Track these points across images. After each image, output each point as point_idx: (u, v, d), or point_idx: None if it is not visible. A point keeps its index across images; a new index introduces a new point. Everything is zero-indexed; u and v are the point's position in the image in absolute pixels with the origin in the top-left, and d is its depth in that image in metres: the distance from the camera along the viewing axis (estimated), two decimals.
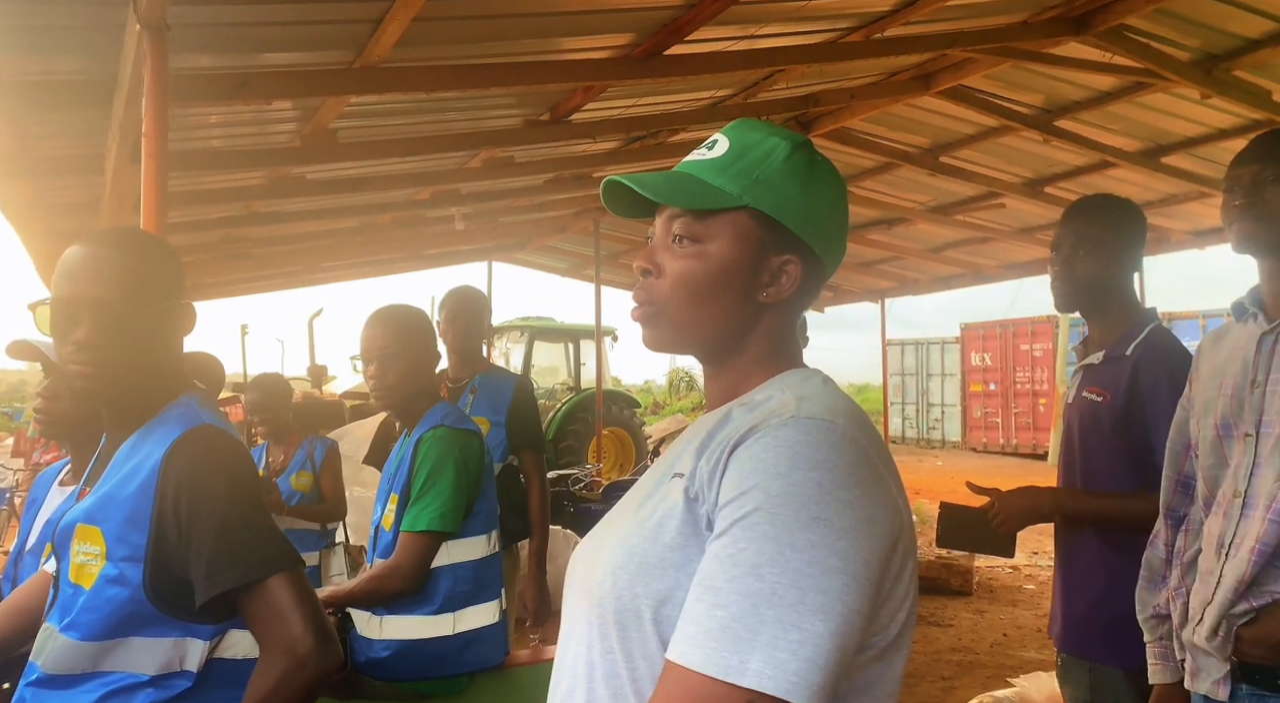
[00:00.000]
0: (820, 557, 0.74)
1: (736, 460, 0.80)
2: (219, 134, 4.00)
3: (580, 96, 4.14)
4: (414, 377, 2.23)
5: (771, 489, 0.77)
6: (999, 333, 17.93)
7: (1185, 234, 7.06)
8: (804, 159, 0.92)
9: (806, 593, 0.73)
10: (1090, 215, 1.99)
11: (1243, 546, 1.43)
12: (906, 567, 0.81)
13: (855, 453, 0.80)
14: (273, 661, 1.22)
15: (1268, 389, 1.44)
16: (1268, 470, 1.42)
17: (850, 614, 0.74)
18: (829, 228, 0.92)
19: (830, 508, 0.76)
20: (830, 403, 0.85)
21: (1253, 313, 1.52)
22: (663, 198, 0.91)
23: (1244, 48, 4.13)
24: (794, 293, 0.92)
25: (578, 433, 10.83)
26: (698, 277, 0.90)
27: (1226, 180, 1.55)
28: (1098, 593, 1.91)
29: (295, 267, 7.77)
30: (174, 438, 1.28)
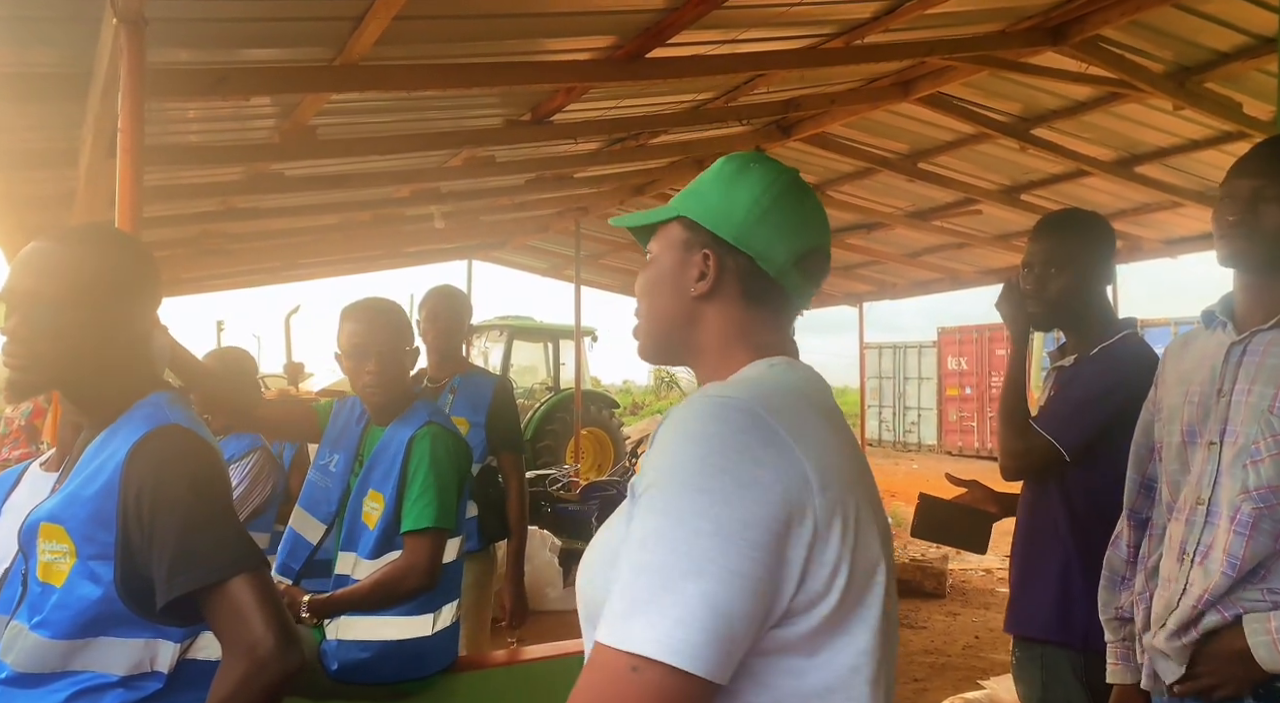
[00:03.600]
0: (696, 523, 0.77)
1: (652, 445, 0.87)
2: (197, 129, 3.96)
3: (562, 97, 4.14)
4: (402, 371, 2.24)
5: (659, 466, 0.82)
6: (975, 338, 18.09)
7: (1157, 243, 7.16)
8: (734, 166, 1.02)
9: (680, 558, 0.77)
10: (1058, 233, 2.01)
11: (1211, 555, 1.45)
12: (829, 531, 0.82)
13: (745, 421, 0.83)
14: (234, 662, 1.21)
15: (1233, 399, 1.47)
16: (1230, 480, 1.44)
17: (728, 575, 0.76)
18: (746, 221, 0.98)
19: (706, 477, 0.79)
20: (738, 383, 0.91)
21: (1222, 322, 1.53)
22: (622, 223, 1.09)
23: (1215, 60, 4.20)
24: (722, 285, 0.99)
25: (556, 433, 10.82)
26: (644, 282, 1.05)
27: (1223, 189, 1.54)
28: (1042, 572, 1.96)
29: (273, 263, 7.71)
30: (138, 437, 1.27)
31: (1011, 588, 2.08)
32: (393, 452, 2.19)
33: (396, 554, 2.11)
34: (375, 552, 2.13)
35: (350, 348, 2.21)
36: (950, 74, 4.49)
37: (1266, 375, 1.43)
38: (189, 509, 1.23)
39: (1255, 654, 1.37)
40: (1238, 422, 1.45)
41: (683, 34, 3.51)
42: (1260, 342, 1.47)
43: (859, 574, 0.84)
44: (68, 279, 1.29)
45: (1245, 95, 4.51)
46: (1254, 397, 1.43)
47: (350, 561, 2.16)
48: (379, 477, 2.18)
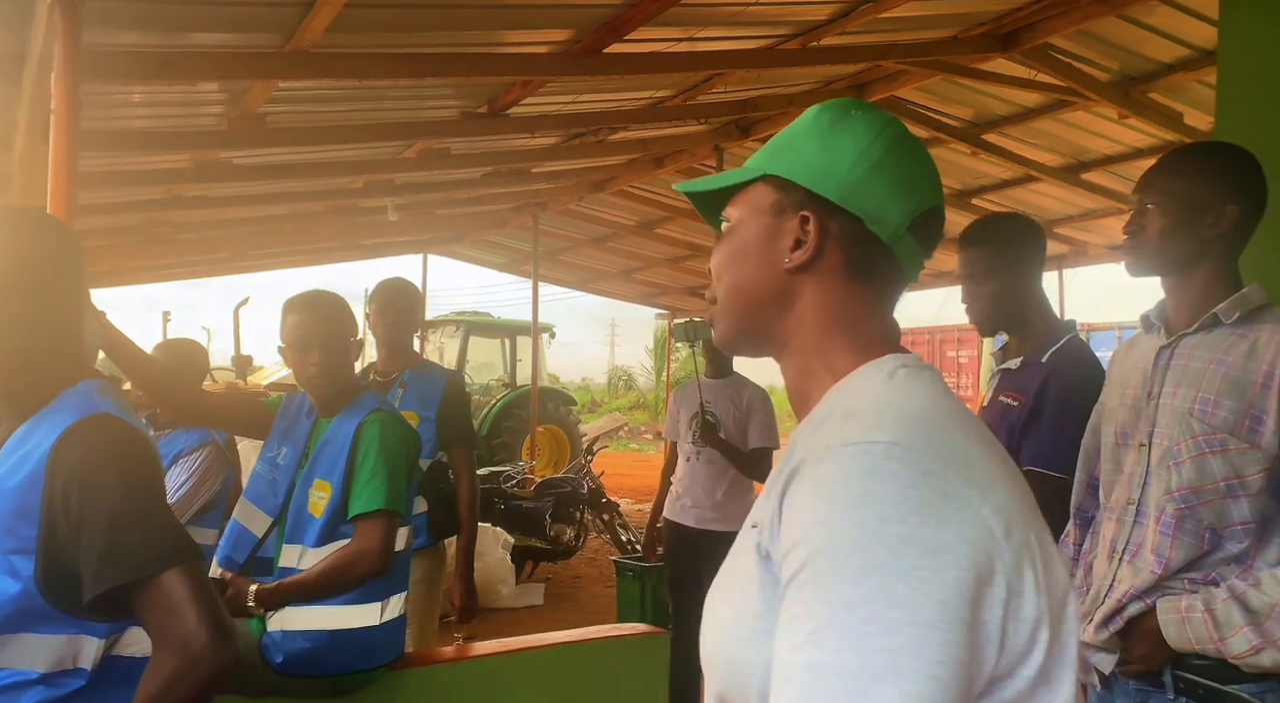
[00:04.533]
0: (878, 611, 0.63)
1: (786, 507, 0.71)
2: (143, 114, 3.86)
3: (518, 91, 4.12)
4: (346, 363, 2.23)
5: (813, 541, 0.67)
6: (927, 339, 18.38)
7: (1103, 248, 7.35)
8: (830, 117, 0.85)
9: (869, 656, 0.62)
10: (979, 243, 2.05)
11: (1140, 553, 1.49)
12: (1023, 581, 0.68)
13: (907, 474, 0.67)
14: (165, 658, 1.18)
15: (1161, 401, 1.51)
16: (1156, 481, 1.49)
17: (932, 667, 0.63)
18: (850, 176, 0.81)
19: (881, 550, 0.64)
20: (878, 416, 0.73)
21: (1157, 326, 1.58)
22: (690, 187, 0.91)
23: (1159, 71, 4.32)
24: (823, 254, 0.82)
25: (512, 430, 10.75)
26: (722, 255, 0.87)
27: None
28: None
29: (222, 253, 7.56)
30: (65, 426, 1.23)
31: None
32: (339, 441, 2.17)
33: (344, 543, 2.09)
34: (321, 540, 2.11)
35: (294, 340, 2.19)
36: (904, 78, 4.55)
37: (1189, 379, 1.47)
38: (119, 500, 1.19)
39: (1164, 633, 1.43)
40: (1164, 424, 1.49)
41: (640, 30, 3.50)
42: (1186, 345, 1.51)
43: (1055, 617, 0.70)
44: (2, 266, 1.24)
45: (1186, 106, 4.65)
46: (1177, 400, 1.48)
47: (296, 552, 2.13)
48: (325, 466, 2.16)
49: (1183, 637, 1.41)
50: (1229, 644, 1.36)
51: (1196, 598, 1.42)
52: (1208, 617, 1.39)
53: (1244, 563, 1.41)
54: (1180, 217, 1.49)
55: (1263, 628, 1.34)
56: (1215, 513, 1.42)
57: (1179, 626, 1.42)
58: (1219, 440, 1.41)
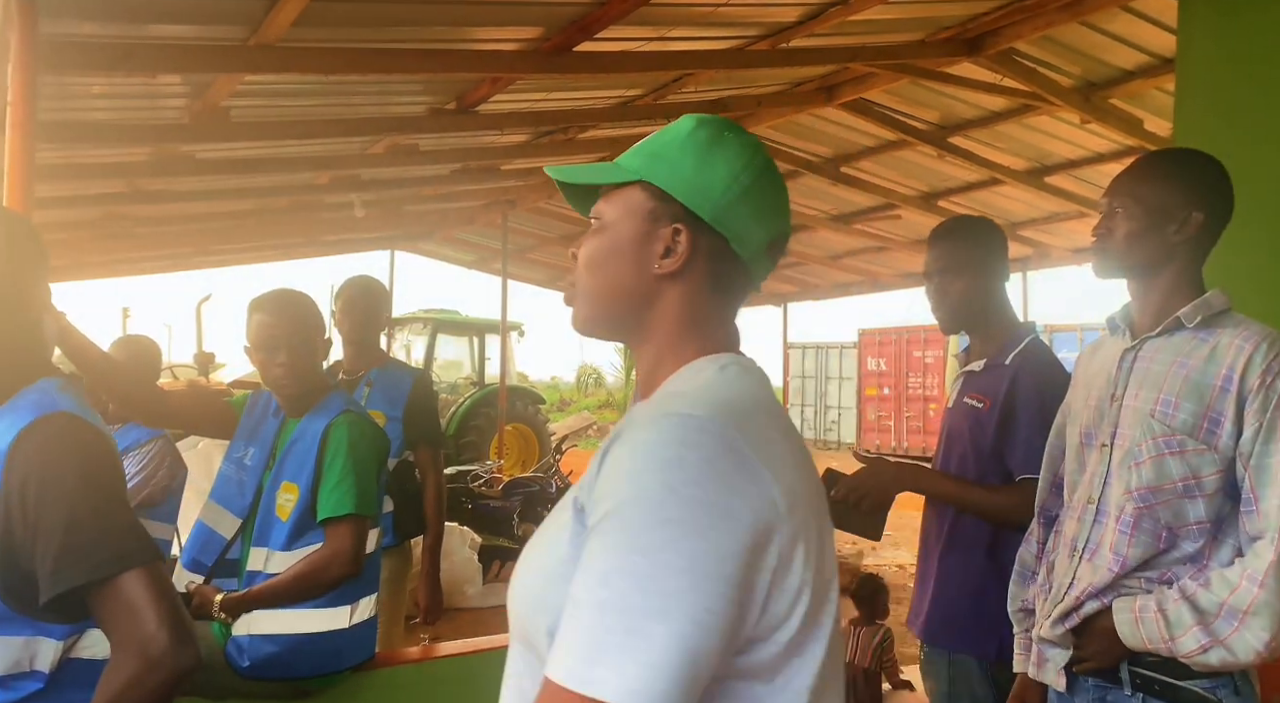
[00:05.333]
0: (667, 559, 0.72)
1: (605, 466, 0.79)
2: (103, 106, 3.78)
3: (488, 87, 4.09)
4: (314, 363, 2.20)
5: (621, 494, 0.75)
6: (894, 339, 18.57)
7: (1065, 251, 7.48)
8: (706, 134, 0.92)
9: (650, 597, 0.71)
10: (950, 241, 2.08)
11: (1099, 551, 1.52)
12: (793, 555, 0.78)
13: (714, 446, 0.77)
14: (123, 661, 1.15)
15: (1124, 403, 1.53)
16: (1117, 481, 1.51)
17: (702, 614, 0.72)
18: (723, 199, 0.90)
19: (676, 507, 0.73)
20: (707, 396, 0.83)
21: (1122, 329, 1.61)
22: (564, 176, 0.96)
23: (1120, 77, 4.41)
24: (691, 266, 0.90)
25: (480, 428, 10.69)
26: (595, 250, 0.93)
27: None
28: (959, 587, 2.00)
29: (184, 248, 7.43)
30: (23, 424, 1.20)
31: (922, 592, 2.10)
32: (307, 442, 2.14)
33: (311, 547, 2.06)
34: (289, 543, 2.08)
35: (259, 340, 2.15)
36: (872, 81, 4.60)
37: (1151, 381, 1.50)
38: (77, 500, 1.17)
39: (1120, 633, 1.46)
40: (1126, 425, 1.52)
41: (610, 29, 3.50)
42: (1150, 348, 1.54)
43: (818, 596, 0.80)
44: None
45: (1146, 112, 4.74)
46: (1139, 401, 1.50)
47: (262, 556, 2.10)
48: (292, 468, 2.13)
49: (1136, 636, 1.44)
50: (1179, 644, 1.39)
51: (1150, 599, 1.44)
52: (1160, 617, 1.42)
53: (1199, 563, 1.44)
54: (1146, 221, 1.51)
55: (1210, 628, 1.37)
56: (1172, 513, 1.45)
57: (1133, 625, 1.45)
58: (1178, 442, 1.44)
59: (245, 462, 2.24)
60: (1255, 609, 1.34)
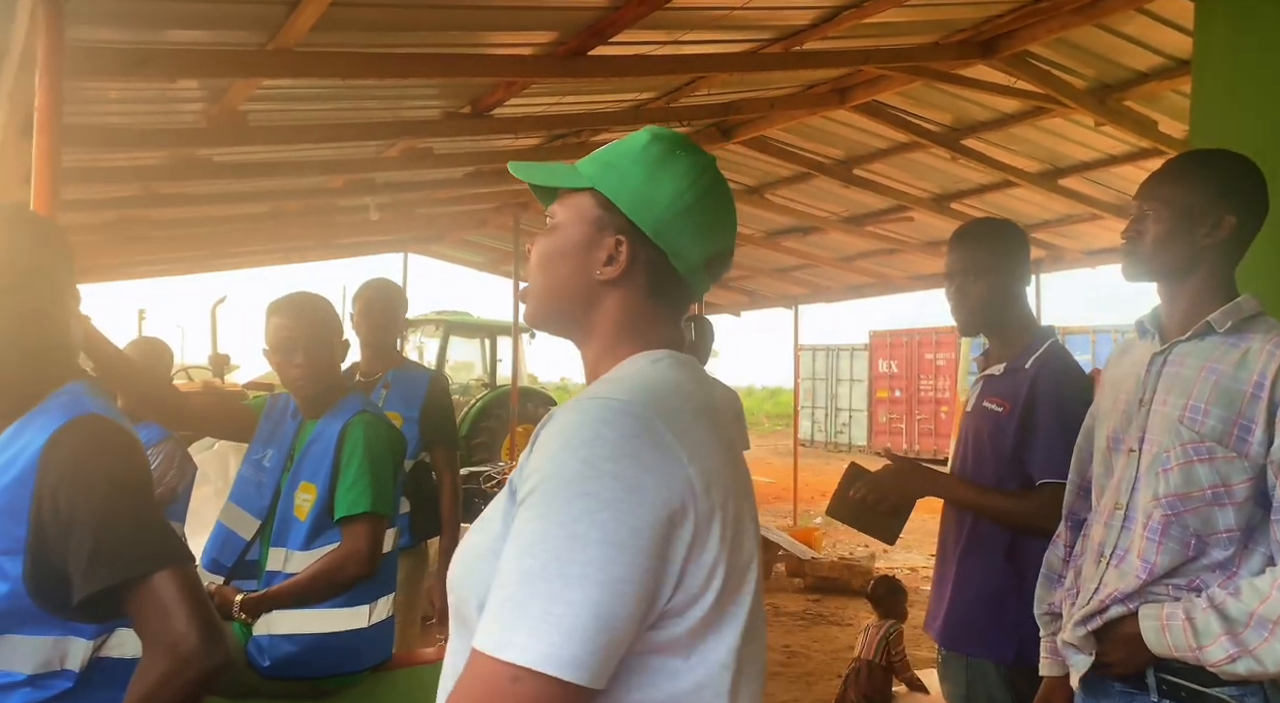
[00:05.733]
0: (582, 530, 0.76)
1: (535, 447, 0.84)
2: (118, 110, 3.81)
3: (502, 92, 4.11)
4: (332, 365, 2.22)
5: (545, 470, 0.80)
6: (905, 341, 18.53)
7: (1079, 253, 7.44)
8: (659, 149, 0.96)
9: (567, 565, 0.75)
10: (974, 243, 2.09)
11: (1127, 558, 1.51)
12: (709, 533, 0.82)
13: (631, 426, 0.81)
14: (154, 660, 1.18)
15: (1152, 408, 1.51)
16: (1146, 487, 1.49)
17: (615, 583, 0.76)
18: (665, 215, 0.94)
19: (594, 482, 0.78)
20: (631, 382, 0.88)
21: (1151, 332, 1.59)
22: (522, 175, 1.01)
23: (1134, 79, 4.39)
24: (630, 274, 0.95)
25: (491, 430, 10.71)
26: (544, 249, 0.98)
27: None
28: (977, 591, 1.99)
29: (199, 251, 7.48)
30: (55, 427, 1.22)
31: (939, 596, 2.09)
32: (324, 443, 2.16)
33: (330, 547, 2.08)
34: (306, 543, 2.10)
35: (277, 342, 2.18)
36: (885, 83, 4.59)
37: (1180, 386, 1.48)
38: (109, 501, 1.19)
39: (1145, 639, 1.45)
40: (1154, 431, 1.50)
41: (625, 33, 3.51)
42: (1179, 353, 1.52)
43: (734, 575, 0.84)
44: None
45: (1161, 114, 4.72)
46: (1168, 407, 1.48)
47: (281, 556, 2.12)
48: (310, 468, 2.15)
49: (1162, 643, 1.43)
50: (1206, 653, 1.38)
51: (1178, 606, 1.43)
52: (1188, 625, 1.40)
53: (1228, 570, 1.42)
54: (1176, 224, 1.49)
55: (1239, 637, 1.35)
56: (1201, 520, 1.43)
57: (1159, 633, 1.43)
58: (1207, 448, 1.42)
59: (264, 463, 2.27)
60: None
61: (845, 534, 8.56)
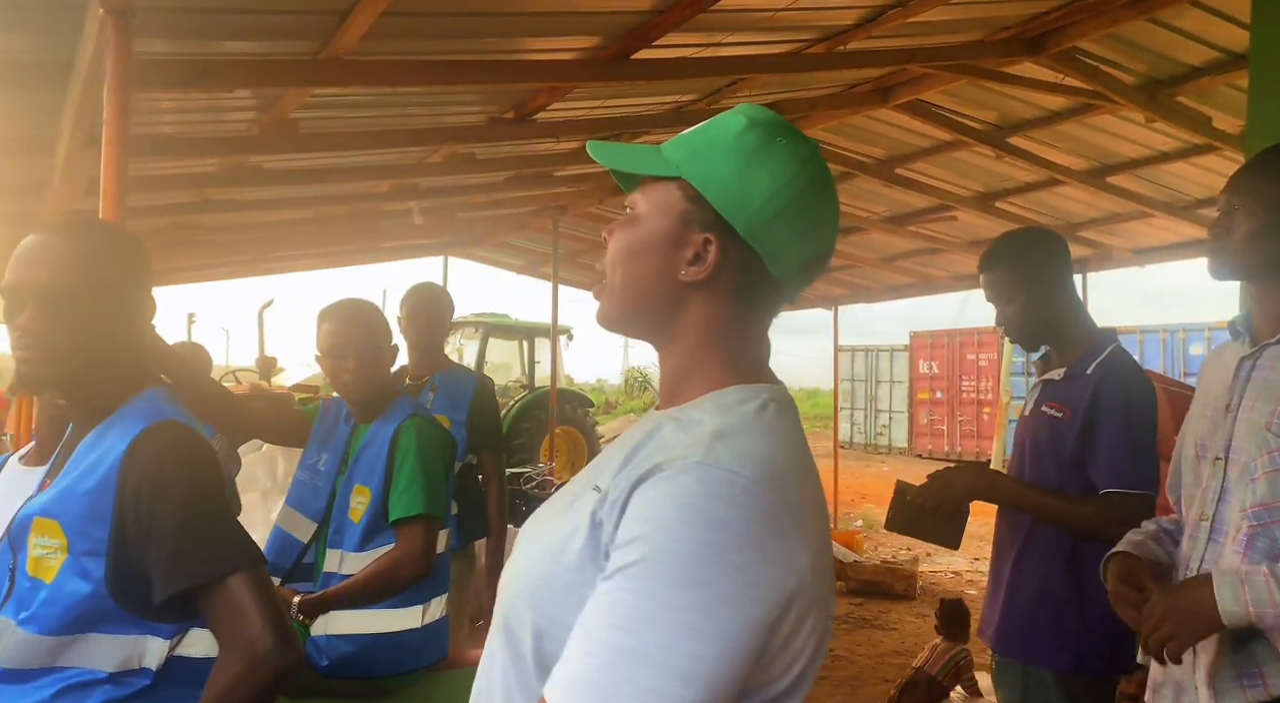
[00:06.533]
0: (696, 622, 0.71)
1: (636, 500, 0.76)
2: (170, 120, 3.91)
3: (545, 97, 4.14)
4: (383, 369, 2.27)
5: (658, 542, 0.73)
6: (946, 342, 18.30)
7: (1127, 252, 7.30)
8: (756, 138, 0.86)
9: (673, 658, 0.70)
10: (991, 268, 2.07)
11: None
12: (805, 622, 0.78)
13: (754, 509, 0.75)
14: (231, 659, 1.22)
15: (1239, 414, 1.46)
16: (1235, 499, 1.43)
17: (719, 682, 0.71)
18: (762, 213, 0.84)
19: (715, 571, 0.72)
20: (746, 446, 0.79)
21: (1242, 335, 1.53)
22: (603, 159, 0.91)
23: (1187, 74, 4.29)
24: (718, 278, 0.86)
25: (530, 431, 10.80)
26: (623, 243, 0.89)
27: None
28: (1034, 598, 1.96)
29: (246, 255, 7.63)
30: (136, 433, 1.26)
31: (994, 600, 2.06)
32: (377, 447, 2.20)
33: (384, 548, 2.12)
34: (361, 545, 2.14)
35: (329, 348, 2.23)
36: (929, 81, 4.54)
37: (1269, 391, 1.42)
38: (188, 505, 1.23)
39: (1219, 597, 1.32)
40: (1241, 438, 1.44)
41: (668, 36, 3.52)
42: (1269, 356, 1.46)
43: (812, 660, 0.80)
44: (80, 272, 1.28)
45: (1214, 109, 4.62)
46: (1255, 413, 1.43)
47: (336, 557, 2.16)
48: (364, 471, 2.19)
49: (1238, 599, 1.30)
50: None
51: (1261, 565, 1.33)
52: (1271, 580, 1.29)
53: None
54: (1268, 220, 1.43)
55: None
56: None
57: (1235, 588, 1.31)
58: None
59: (319, 467, 2.31)
60: None
61: (887, 538, 8.48)
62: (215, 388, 2.34)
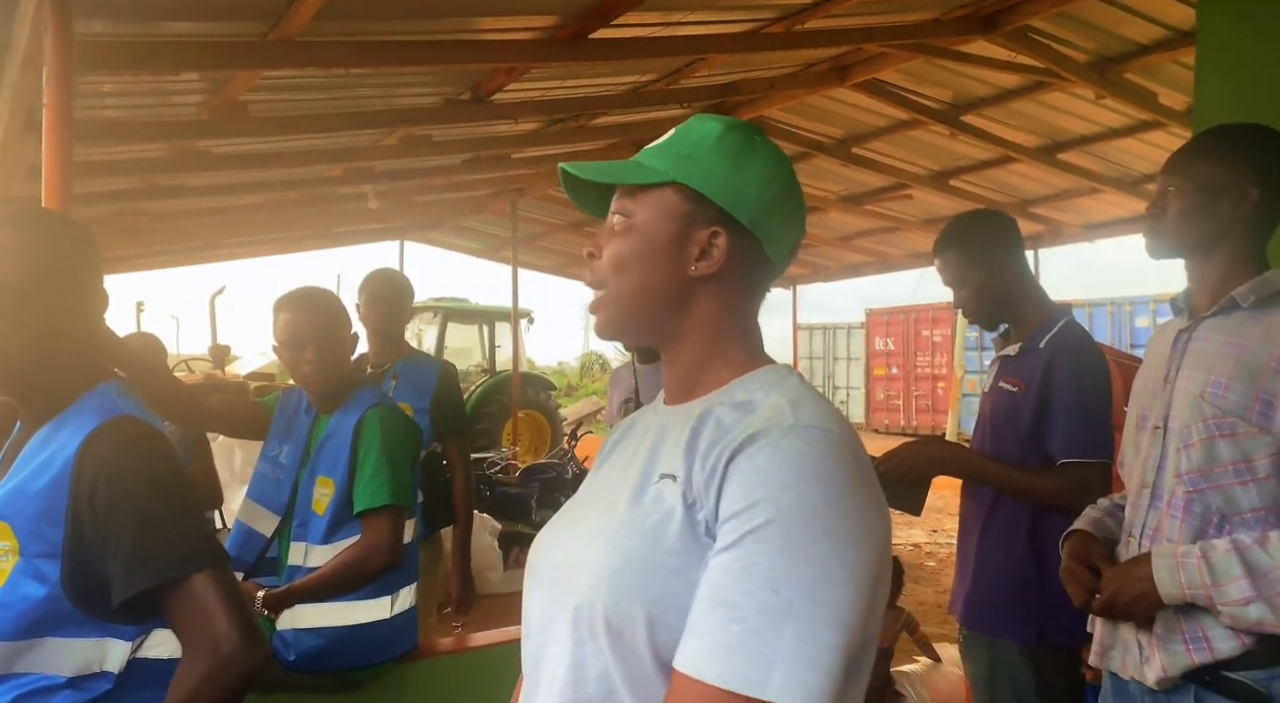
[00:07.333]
0: (832, 569, 0.76)
1: (739, 470, 0.81)
2: (114, 104, 3.78)
3: (503, 77, 4.08)
4: (343, 358, 2.22)
5: (782, 502, 0.77)
6: (902, 319, 18.53)
7: (1077, 228, 7.44)
8: (738, 138, 0.93)
9: (821, 606, 0.75)
10: (941, 254, 2.10)
11: (1158, 537, 1.49)
12: (889, 563, 0.84)
13: (853, 461, 0.81)
14: (196, 660, 1.18)
15: (1176, 385, 1.51)
16: (1171, 465, 1.48)
17: (857, 623, 0.76)
18: (759, 204, 0.92)
19: (837, 519, 0.77)
20: (820, 408, 0.86)
21: (1183, 310, 1.58)
22: (595, 176, 0.94)
23: (1135, 52, 4.37)
24: (727, 268, 0.92)
25: (492, 416, 10.72)
26: (625, 252, 0.93)
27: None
28: (998, 572, 2.00)
29: (195, 242, 7.45)
30: (90, 429, 1.22)
31: (962, 578, 2.10)
32: (340, 437, 2.16)
33: (350, 540, 2.09)
34: (326, 537, 2.10)
35: (287, 338, 2.17)
36: (885, 60, 4.57)
37: (1203, 362, 1.47)
38: (147, 503, 1.19)
39: (1157, 579, 1.41)
40: (1178, 407, 1.49)
41: (626, 15, 3.49)
42: (1204, 328, 1.51)
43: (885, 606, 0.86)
44: (29, 265, 1.22)
45: (1161, 86, 4.71)
46: (1191, 383, 1.48)
47: (301, 550, 2.12)
48: (328, 463, 2.15)
49: (1175, 582, 1.40)
50: (1223, 590, 1.35)
51: (1194, 546, 1.41)
52: (1203, 563, 1.38)
53: None
54: (1199, 199, 1.48)
55: (1258, 583, 1.34)
56: (1224, 498, 1.42)
57: (1172, 570, 1.40)
58: (1229, 424, 1.40)
59: (280, 459, 2.27)
60: None
61: None
62: (170, 381, 2.27)
